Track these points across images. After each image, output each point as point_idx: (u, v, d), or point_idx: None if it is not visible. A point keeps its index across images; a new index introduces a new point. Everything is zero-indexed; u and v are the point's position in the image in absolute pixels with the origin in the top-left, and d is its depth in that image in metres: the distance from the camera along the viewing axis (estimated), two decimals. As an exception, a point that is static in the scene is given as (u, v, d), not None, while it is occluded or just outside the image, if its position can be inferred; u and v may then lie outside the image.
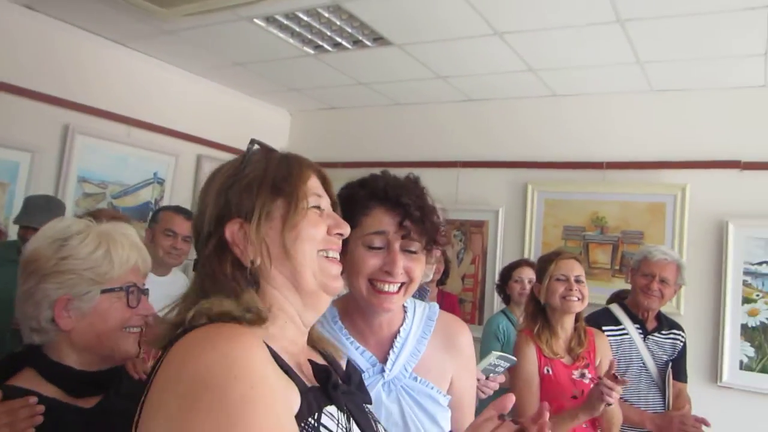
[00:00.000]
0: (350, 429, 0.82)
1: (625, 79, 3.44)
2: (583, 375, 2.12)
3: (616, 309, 2.57)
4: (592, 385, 1.98)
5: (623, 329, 2.49)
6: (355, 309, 1.22)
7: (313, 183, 0.91)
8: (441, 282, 3.43)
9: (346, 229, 0.92)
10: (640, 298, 2.50)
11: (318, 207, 0.89)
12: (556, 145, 3.80)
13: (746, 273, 3.21)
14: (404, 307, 1.26)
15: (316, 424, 0.76)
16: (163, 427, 0.66)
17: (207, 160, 4.07)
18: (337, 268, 0.91)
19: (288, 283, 0.86)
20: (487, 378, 1.88)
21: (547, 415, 0.93)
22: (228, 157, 4.13)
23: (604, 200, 3.61)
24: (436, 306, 1.32)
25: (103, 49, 3.50)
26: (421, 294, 1.85)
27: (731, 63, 3.07)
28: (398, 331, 1.23)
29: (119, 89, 3.60)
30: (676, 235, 3.39)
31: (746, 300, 3.20)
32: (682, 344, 2.59)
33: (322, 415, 0.79)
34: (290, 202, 0.86)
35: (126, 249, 1.20)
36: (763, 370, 3.11)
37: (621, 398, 2.36)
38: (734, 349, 3.20)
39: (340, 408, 0.82)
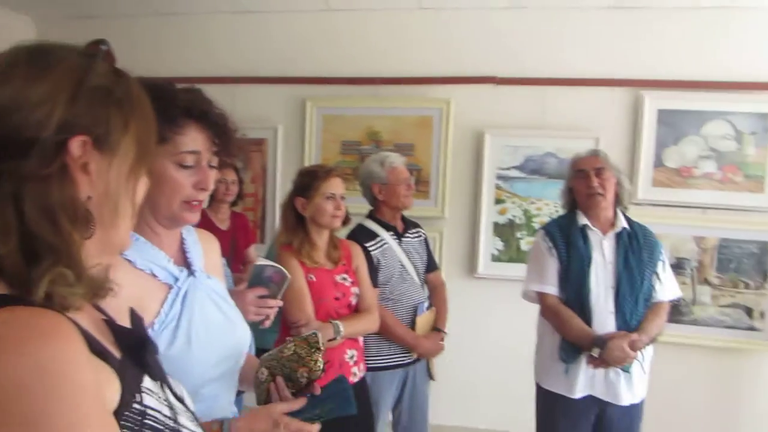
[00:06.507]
0: (167, 398, 0.74)
1: (395, -4, 3.53)
2: (344, 278, 2.28)
3: (369, 223, 2.69)
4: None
5: (381, 240, 2.64)
6: (149, 223, 1.18)
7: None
8: (234, 203, 3.34)
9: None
10: (403, 201, 2.67)
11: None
12: (333, 61, 3.82)
13: (498, 177, 3.65)
14: None
15: (141, 408, 0.67)
16: None
17: None
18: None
19: (103, 231, 0.70)
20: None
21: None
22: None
23: (378, 115, 3.77)
24: None
25: None
26: None
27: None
28: (182, 238, 1.26)
29: None
30: (442, 145, 3.69)
31: (498, 201, 3.66)
32: (425, 239, 2.86)
33: (143, 394, 0.69)
34: (147, 141, 0.72)
35: None
36: (510, 260, 3.63)
37: (388, 299, 2.60)
38: (488, 244, 3.67)
39: (153, 377, 0.73)
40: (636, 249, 2.39)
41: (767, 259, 3.39)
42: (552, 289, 2.40)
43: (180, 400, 0.79)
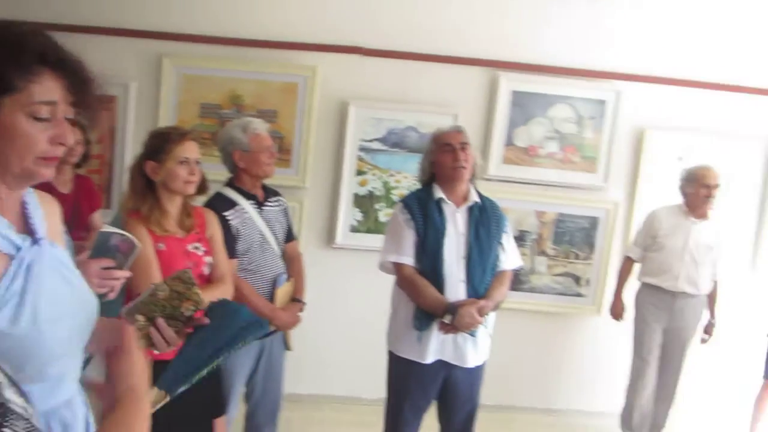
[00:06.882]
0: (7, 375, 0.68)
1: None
2: (197, 248, 2.21)
3: (228, 191, 2.59)
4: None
5: (241, 208, 2.55)
6: None
7: None
8: (78, 165, 3.06)
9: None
10: (265, 170, 2.61)
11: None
12: (195, 18, 3.60)
13: (361, 149, 3.70)
14: None
15: None
16: None
17: None
18: None
19: None
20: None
21: None
22: None
23: (241, 78, 3.63)
24: None
25: None
26: None
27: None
28: (23, 201, 1.13)
29: None
30: (306, 113, 3.65)
31: (359, 172, 3.71)
32: (285, 208, 2.80)
33: None
34: None
35: None
36: (368, 231, 3.71)
37: (247, 270, 2.55)
38: (347, 214, 3.73)
39: None
40: (485, 222, 2.54)
41: (595, 233, 3.80)
42: (408, 259, 2.49)
43: (6, 375, 0.73)
